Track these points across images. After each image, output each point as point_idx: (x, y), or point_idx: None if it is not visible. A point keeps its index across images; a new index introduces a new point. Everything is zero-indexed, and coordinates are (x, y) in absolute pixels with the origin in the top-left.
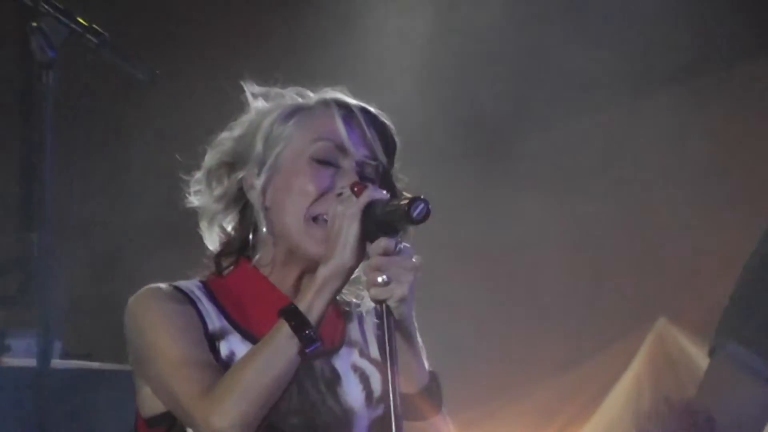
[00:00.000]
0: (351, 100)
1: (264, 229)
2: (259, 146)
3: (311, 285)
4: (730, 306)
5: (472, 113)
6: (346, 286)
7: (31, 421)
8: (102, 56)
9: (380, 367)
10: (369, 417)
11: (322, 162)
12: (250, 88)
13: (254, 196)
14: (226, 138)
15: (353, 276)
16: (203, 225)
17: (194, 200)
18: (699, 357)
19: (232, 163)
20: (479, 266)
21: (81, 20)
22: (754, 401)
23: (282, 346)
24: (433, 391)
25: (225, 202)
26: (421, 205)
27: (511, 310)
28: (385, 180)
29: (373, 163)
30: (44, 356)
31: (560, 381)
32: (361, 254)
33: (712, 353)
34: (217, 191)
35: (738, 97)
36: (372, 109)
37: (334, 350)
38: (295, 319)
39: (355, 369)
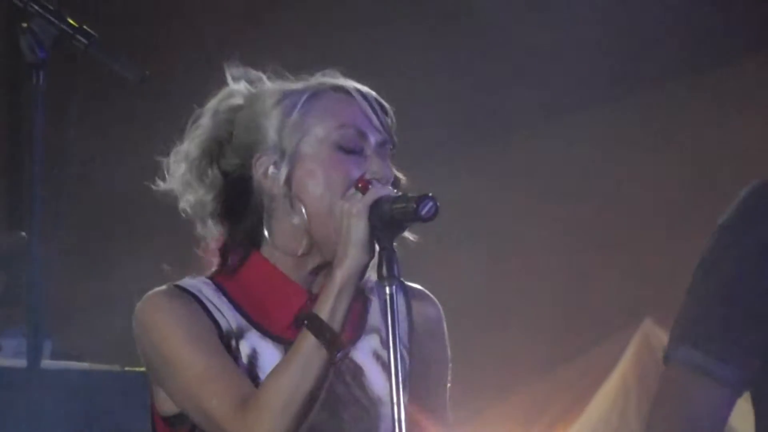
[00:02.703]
0: (358, 84)
1: (296, 220)
2: (272, 134)
3: (329, 289)
4: (681, 311)
5: (465, 110)
6: None
7: (21, 421)
8: (92, 57)
9: (402, 352)
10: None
11: (347, 149)
12: (230, 70)
13: (277, 187)
14: (206, 124)
15: None
16: (197, 221)
17: (181, 198)
18: None
19: (218, 151)
20: (465, 265)
21: (71, 21)
22: (711, 404)
23: (311, 357)
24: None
25: (216, 192)
26: (430, 203)
27: (498, 309)
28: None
29: (387, 145)
30: (34, 356)
31: (546, 381)
32: (372, 251)
33: (666, 361)
34: (206, 182)
35: (725, 99)
36: (371, 92)
37: (355, 340)
38: (319, 328)
39: (377, 357)
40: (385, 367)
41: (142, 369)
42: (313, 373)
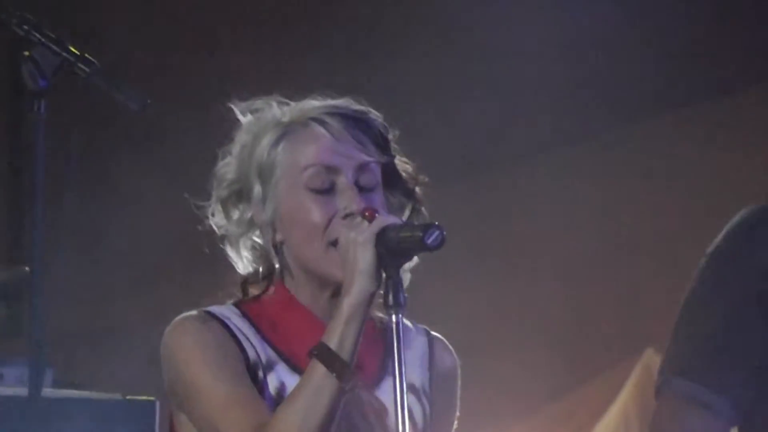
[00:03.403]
0: (328, 108)
1: (276, 265)
2: (256, 183)
3: (337, 318)
4: (672, 342)
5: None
6: None
7: None
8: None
9: (420, 395)
10: None
11: (318, 190)
12: (236, 107)
13: (264, 233)
14: (227, 168)
15: None
16: (231, 252)
17: (215, 227)
18: None
19: (240, 191)
20: (468, 293)
21: (72, 49)
22: None
23: (321, 386)
24: None
25: (246, 225)
26: (436, 233)
27: (498, 340)
28: (387, 174)
29: (369, 166)
30: (35, 385)
31: (549, 410)
32: (378, 279)
33: (659, 392)
34: (235, 216)
35: (732, 126)
36: (351, 109)
37: (378, 380)
38: (328, 357)
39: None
40: (409, 410)
41: (144, 398)
42: (324, 402)
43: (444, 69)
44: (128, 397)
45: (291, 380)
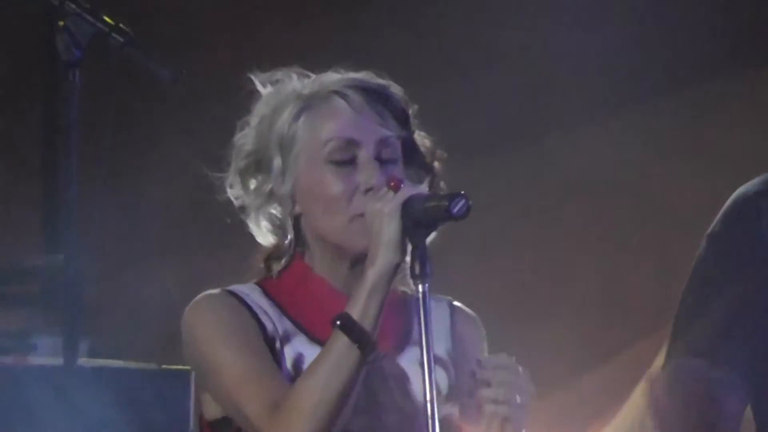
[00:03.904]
0: (349, 81)
1: (290, 236)
2: (276, 155)
3: (361, 289)
4: (679, 320)
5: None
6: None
7: (57, 419)
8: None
9: (444, 364)
10: (438, 416)
11: (339, 162)
12: (256, 78)
13: (283, 205)
14: (245, 139)
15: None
16: (250, 223)
17: (233, 198)
18: None
19: (258, 162)
20: (495, 265)
21: (107, 19)
22: (722, 411)
23: (343, 357)
24: None
25: (264, 197)
26: (462, 201)
27: (529, 310)
28: (407, 148)
29: (389, 140)
30: (70, 354)
31: (581, 382)
32: (404, 250)
33: (669, 371)
34: (252, 186)
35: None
36: (372, 83)
37: (400, 349)
38: (351, 327)
39: (422, 367)
40: None
41: (179, 367)
42: (345, 372)
43: (470, 39)
44: (164, 367)
45: (310, 351)
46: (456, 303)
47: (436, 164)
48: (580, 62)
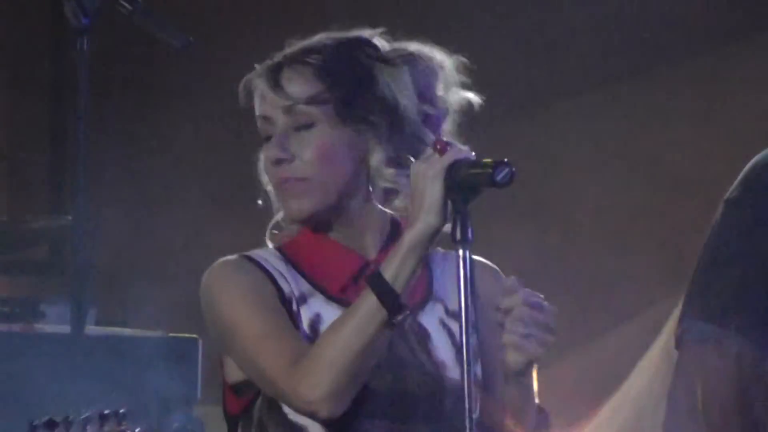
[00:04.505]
0: (277, 57)
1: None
2: None
3: (396, 250)
4: (692, 286)
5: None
6: None
7: (65, 386)
8: (136, 23)
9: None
10: (459, 373)
11: (266, 138)
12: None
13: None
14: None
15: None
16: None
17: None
18: None
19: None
20: (493, 235)
21: None
22: (732, 375)
23: (369, 316)
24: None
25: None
26: (506, 169)
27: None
28: (340, 106)
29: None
30: (78, 322)
31: (589, 350)
32: (445, 214)
33: (681, 337)
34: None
35: None
36: (292, 51)
37: (421, 305)
38: (382, 288)
39: (443, 325)
40: (451, 334)
41: (186, 335)
42: (369, 332)
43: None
44: (171, 335)
45: (327, 310)
46: (475, 257)
47: (374, 118)
48: (593, 25)
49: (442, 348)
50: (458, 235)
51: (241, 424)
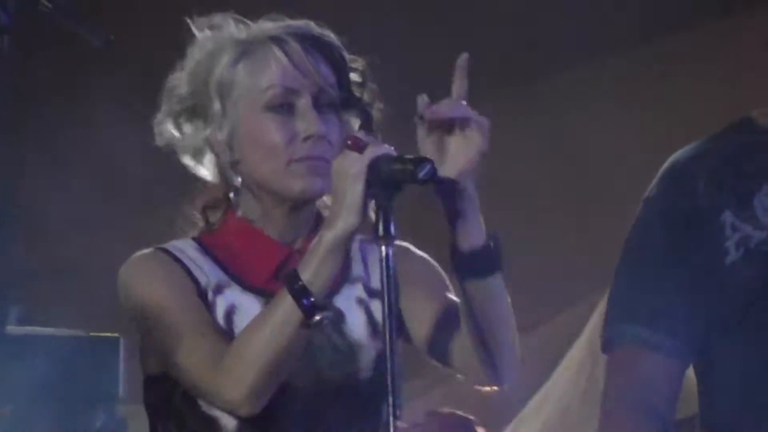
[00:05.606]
0: (288, 29)
1: (238, 182)
2: (215, 101)
3: (315, 250)
4: (615, 289)
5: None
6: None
7: None
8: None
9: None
10: (375, 348)
11: (277, 110)
12: (193, 23)
13: (221, 152)
14: (179, 82)
15: None
16: (189, 163)
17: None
18: None
19: (194, 107)
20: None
21: None
22: (663, 378)
23: (286, 315)
24: (493, 248)
25: (200, 141)
26: (428, 166)
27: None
28: (347, 102)
29: (326, 89)
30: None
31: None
32: (364, 213)
33: (609, 346)
34: (189, 131)
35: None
36: (310, 31)
37: (336, 290)
38: (297, 291)
39: (360, 302)
40: (369, 312)
41: (108, 334)
42: (287, 332)
43: None
44: (92, 334)
45: (244, 300)
46: (403, 243)
47: (374, 113)
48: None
49: (356, 327)
50: (381, 231)
51: (161, 416)
